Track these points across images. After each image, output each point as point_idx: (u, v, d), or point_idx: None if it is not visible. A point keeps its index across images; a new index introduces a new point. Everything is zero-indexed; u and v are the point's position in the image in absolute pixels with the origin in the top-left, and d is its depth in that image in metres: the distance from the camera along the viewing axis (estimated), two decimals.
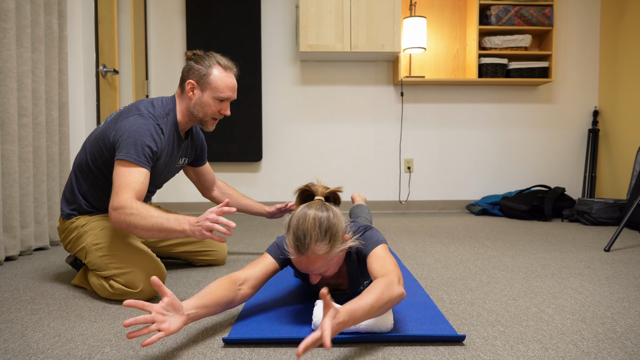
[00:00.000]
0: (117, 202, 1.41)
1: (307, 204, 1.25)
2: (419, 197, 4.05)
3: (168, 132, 1.63)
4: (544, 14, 3.72)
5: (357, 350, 1.11)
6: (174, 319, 1.05)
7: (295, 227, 1.20)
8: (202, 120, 1.68)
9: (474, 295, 1.57)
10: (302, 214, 1.21)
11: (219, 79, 1.63)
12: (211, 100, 1.64)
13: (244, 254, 2.28)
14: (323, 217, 1.20)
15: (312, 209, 1.22)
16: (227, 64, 1.67)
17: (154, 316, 1.01)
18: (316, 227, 1.18)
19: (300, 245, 1.18)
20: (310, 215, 1.20)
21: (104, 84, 2.99)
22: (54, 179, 2.45)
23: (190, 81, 1.63)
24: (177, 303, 1.07)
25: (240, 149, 3.87)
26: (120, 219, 1.40)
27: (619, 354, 1.09)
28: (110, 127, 1.57)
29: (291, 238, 1.20)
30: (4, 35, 2.06)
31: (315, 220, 1.19)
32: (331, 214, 1.22)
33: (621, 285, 1.68)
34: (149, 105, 1.60)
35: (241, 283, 1.25)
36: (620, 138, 3.77)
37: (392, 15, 3.61)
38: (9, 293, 1.61)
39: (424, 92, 4.00)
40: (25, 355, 1.09)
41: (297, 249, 1.19)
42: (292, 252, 1.20)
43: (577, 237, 2.73)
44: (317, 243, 1.17)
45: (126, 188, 1.44)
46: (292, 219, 1.23)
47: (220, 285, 1.21)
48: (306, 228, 1.18)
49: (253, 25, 3.81)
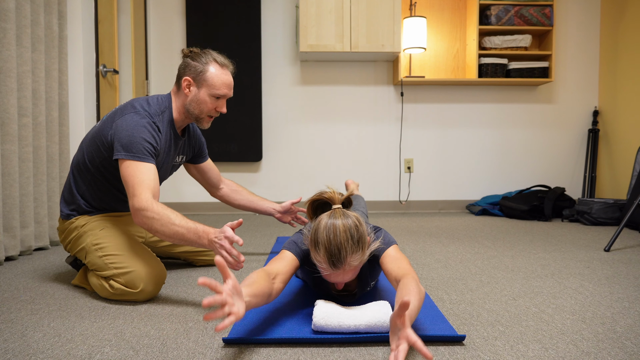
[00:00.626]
0: (138, 204, 1.42)
1: (328, 214, 1.22)
2: (419, 197, 4.05)
3: (164, 130, 1.63)
4: (544, 14, 3.72)
5: (357, 350, 1.11)
6: (239, 303, 1.00)
7: (326, 242, 1.16)
8: (197, 117, 1.68)
9: (474, 295, 1.57)
10: (330, 227, 1.17)
11: (216, 76, 1.63)
12: (207, 97, 1.64)
13: (244, 253, 2.28)
14: (352, 227, 1.18)
15: (339, 219, 1.19)
16: (224, 61, 1.66)
17: (226, 298, 0.95)
18: (349, 239, 1.16)
19: (335, 260, 1.15)
20: (340, 227, 1.17)
21: (104, 83, 2.99)
22: (54, 179, 2.45)
23: (186, 78, 1.63)
24: (239, 287, 1.02)
25: (240, 149, 3.87)
26: (142, 221, 1.43)
27: (619, 354, 1.09)
28: (107, 126, 1.57)
29: (323, 254, 1.16)
30: (4, 35, 2.06)
31: (346, 232, 1.16)
32: (356, 221, 1.20)
33: (621, 285, 1.68)
34: (145, 103, 1.60)
35: (274, 277, 1.22)
36: (620, 138, 3.77)
37: (392, 15, 3.61)
38: (9, 293, 1.61)
39: (424, 92, 4.00)
40: (25, 355, 1.09)
41: (333, 264, 1.16)
42: (326, 267, 1.17)
43: (577, 237, 2.73)
44: (352, 255, 1.16)
45: (142, 187, 1.44)
46: (318, 233, 1.18)
47: (260, 276, 1.16)
48: (339, 242, 1.15)
49: (253, 25, 3.81)
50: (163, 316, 1.36)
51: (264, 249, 2.38)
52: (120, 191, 1.68)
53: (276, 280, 1.22)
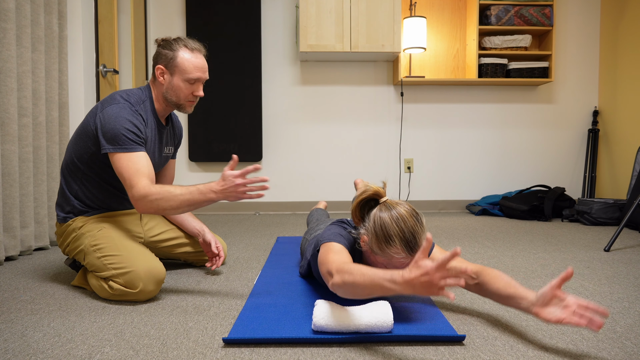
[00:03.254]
0: (138, 192, 1.45)
1: (383, 208, 1.25)
2: (419, 197, 4.05)
3: (149, 119, 1.66)
4: (544, 14, 3.72)
5: (357, 350, 1.11)
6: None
7: (400, 232, 1.20)
8: (177, 104, 1.70)
9: (474, 295, 1.57)
10: (397, 218, 1.21)
11: (187, 60, 1.63)
12: (181, 83, 1.65)
13: (244, 255, 2.27)
14: (412, 210, 1.24)
15: (398, 208, 1.24)
16: (194, 45, 1.66)
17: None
18: (417, 222, 1.22)
19: (413, 245, 1.20)
20: (406, 215, 1.22)
21: (104, 84, 2.99)
22: (54, 179, 2.45)
23: (159, 66, 1.65)
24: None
25: (240, 149, 3.87)
26: (147, 207, 1.45)
27: (619, 354, 1.09)
28: (90, 121, 1.60)
29: (400, 244, 1.20)
30: (4, 35, 2.06)
31: (412, 217, 1.22)
32: (408, 205, 1.26)
33: (621, 285, 1.68)
34: (124, 94, 1.63)
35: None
36: (620, 138, 3.77)
37: (392, 15, 3.61)
38: (9, 293, 1.61)
39: (424, 92, 4.00)
40: (25, 355, 1.09)
41: (411, 250, 1.21)
42: (406, 255, 1.21)
43: (577, 237, 2.73)
44: (424, 234, 1.22)
45: (138, 176, 1.47)
46: (386, 227, 1.21)
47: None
48: (411, 228, 1.21)
49: (253, 25, 3.81)
50: (163, 316, 1.36)
51: (264, 249, 2.38)
52: (112, 185, 1.70)
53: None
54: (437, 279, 0.94)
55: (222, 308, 1.43)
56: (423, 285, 0.95)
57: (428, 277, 0.94)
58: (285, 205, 3.99)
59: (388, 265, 1.25)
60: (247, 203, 3.97)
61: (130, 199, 1.49)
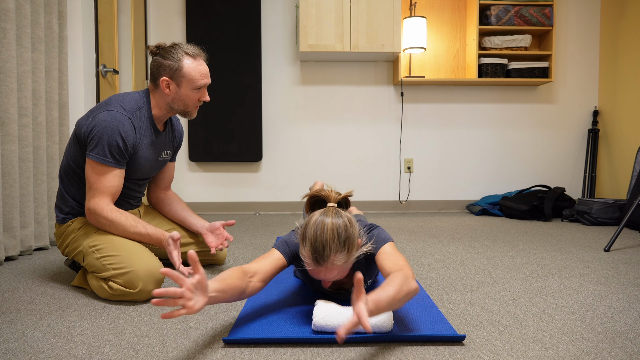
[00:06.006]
0: (93, 206, 1.56)
1: (321, 212, 1.22)
2: (418, 197, 4.05)
3: (142, 126, 1.65)
4: (544, 14, 3.72)
5: (357, 350, 1.11)
6: (199, 298, 1.02)
7: (312, 238, 1.17)
8: (184, 111, 1.71)
9: (474, 295, 1.57)
10: (319, 224, 1.18)
11: (193, 69, 1.63)
12: (189, 92, 1.65)
13: (244, 253, 2.28)
14: (341, 226, 1.18)
15: (329, 217, 1.19)
16: (195, 51, 1.66)
17: (184, 292, 0.98)
18: (335, 238, 1.16)
19: (319, 257, 1.16)
20: (328, 225, 1.17)
21: (104, 84, 2.99)
22: (54, 179, 2.45)
23: (164, 78, 1.64)
24: (205, 283, 1.04)
25: (240, 149, 3.87)
26: (94, 221, 1.58)
27: (619, 354, 1.09)
28: (83, 125, 1.60)
29: (309, 249, 1.17)
30: (4, 35, 2.06)
31: (333, 231, 1.17)
32: (347, 222, 1.20)
33: (621, 285, 1.68)
34: (120, 100, 1.63)
35: (251, 275, 1.23)
36: (620, 138, 3.77)
37: (392, 15, 3.61)
38: (9, 293, 1.61)
39: (424, 92, 4.00)
40: (25, 355, 1.09)
41: (316, 261, 1.17)
42: (310, 262, 1.18)
43: (577, 237, 2.73)
44: (336, 254, 1.16)
45: (102, 192, 1.56)
46: (307, 229, 1.19)
47: (234, 273, 1.18)
48: (325, 240, 1.16)
49: (253, 25, 3.81)
50: None
51: (264, 249, 2.38)
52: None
53: (254, 279, 1.24)
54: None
55: (222, 308, 1.43)
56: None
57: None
58: (285, 205, 3.99)
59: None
60: (247, 203, 3.96)
61: (85, 204, 1.58)
